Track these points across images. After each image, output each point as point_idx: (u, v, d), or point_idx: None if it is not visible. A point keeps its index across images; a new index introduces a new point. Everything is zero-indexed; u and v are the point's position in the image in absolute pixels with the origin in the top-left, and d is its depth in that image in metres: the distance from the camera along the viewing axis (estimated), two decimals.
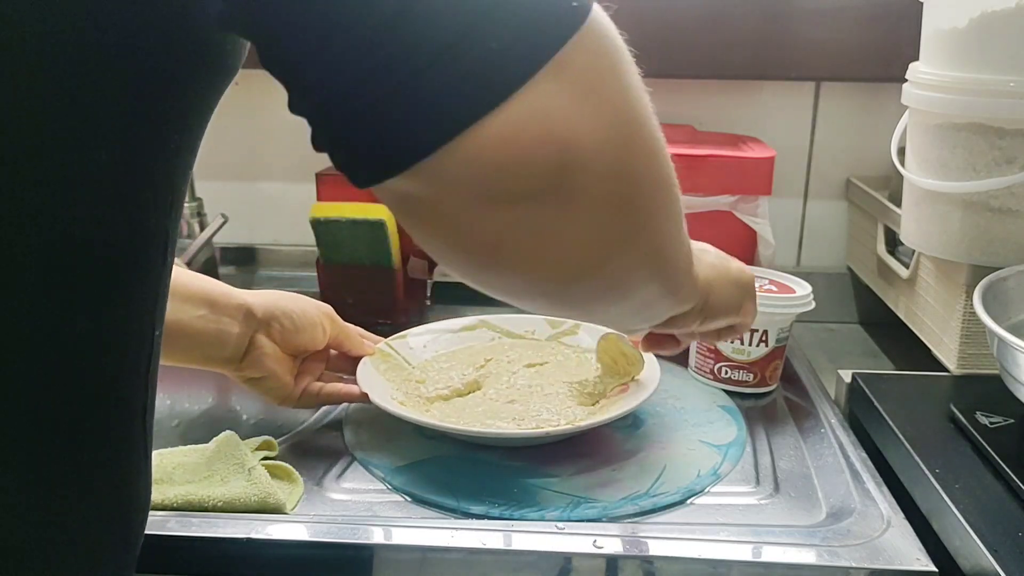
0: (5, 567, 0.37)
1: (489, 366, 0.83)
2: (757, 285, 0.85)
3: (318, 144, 0.35)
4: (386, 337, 0.84)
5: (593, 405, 0.76)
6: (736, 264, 0.62)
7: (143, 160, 0.37)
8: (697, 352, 0.87)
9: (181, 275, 0.68)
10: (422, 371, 0.82)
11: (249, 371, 0.73)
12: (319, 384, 0.77)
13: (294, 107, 0.34)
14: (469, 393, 0.79)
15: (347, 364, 0.80)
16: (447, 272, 0.38)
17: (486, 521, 0.63)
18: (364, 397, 0.74)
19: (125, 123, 0.35)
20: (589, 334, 0.87)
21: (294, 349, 0.75)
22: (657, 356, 0.78)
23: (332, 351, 0.80)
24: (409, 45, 0.31)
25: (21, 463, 0.37)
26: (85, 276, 0.36)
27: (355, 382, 0.77)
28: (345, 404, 0.81)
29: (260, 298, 0.73)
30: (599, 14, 0.35)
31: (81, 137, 0.33)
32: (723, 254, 0.62)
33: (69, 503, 0.39)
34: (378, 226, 0.94)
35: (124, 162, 0.36)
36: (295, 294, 0.76)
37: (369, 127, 0.33)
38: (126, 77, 0.34)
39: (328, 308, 0.78)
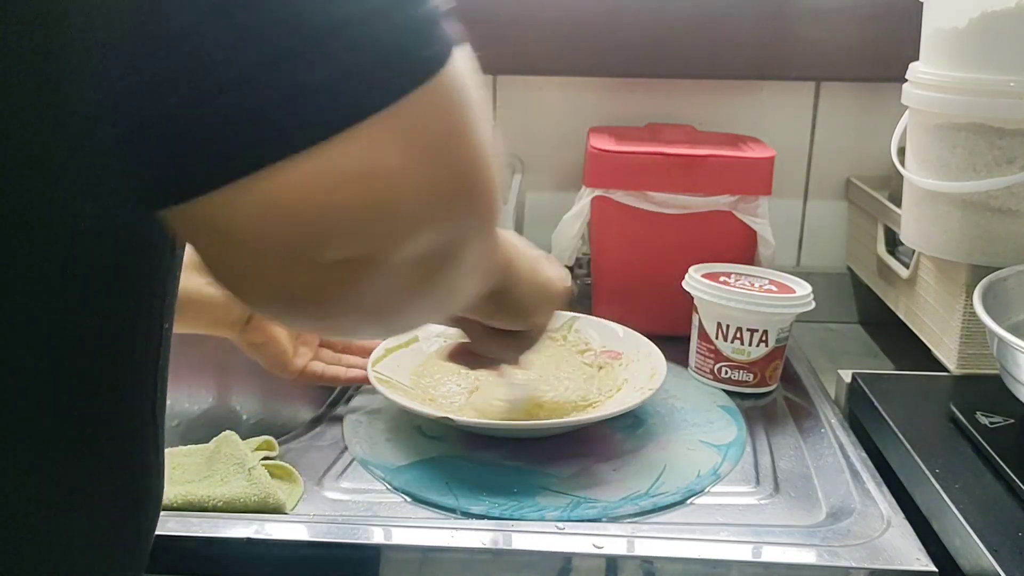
0: (19, 562, 0.37)
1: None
2: (757, 285, 0.85)
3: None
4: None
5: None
6: (547, 271, 0.58)
7: None
8: (697, 352, 0.87)
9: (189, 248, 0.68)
10: (423, 390, 0.81)
11: (252, 335, 0.75)
12: (321, 365, 0.79)
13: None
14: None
15: (340, 343, 0.82)
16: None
17: (486, 521, 0.63)
18: (364, 379, 0.77)
19: None
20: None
21: None
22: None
23: None
24: (214, 58, 0.27)
25: (32, 458, 0.37)
26: (94, 271, 0.35)
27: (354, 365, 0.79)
28: (344, 404, 0.81)
29: None
30: (456, 65, 0.31)
31: (82, 132, 0.33)
32: (541, 256, 0.59)
33: (81, 497, 0.39)
34: None
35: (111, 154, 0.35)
36: None
37: (160, 145, 0.29)
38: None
39: None
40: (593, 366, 0.84)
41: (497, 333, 0.58)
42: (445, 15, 0.31)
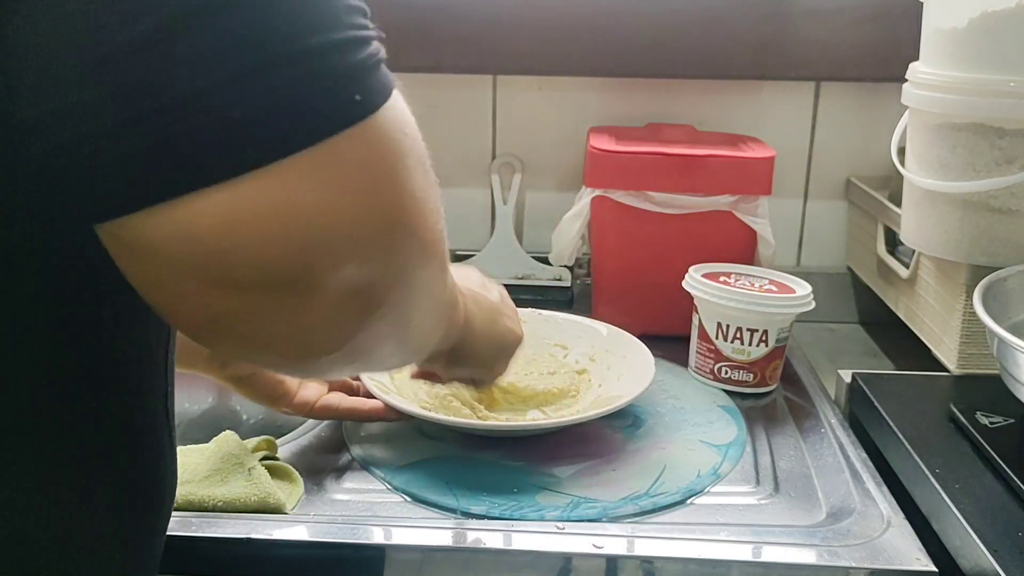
0: (36, 562, 0.37)
1: None
2: (757, 285, 0.85)
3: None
4: None
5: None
6: (506, 323, 0.60)
7: None
8: (697, 352, 0.87)
9: None
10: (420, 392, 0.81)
11: (235, 368, 0.69)
12: (338, 396, 0.73)
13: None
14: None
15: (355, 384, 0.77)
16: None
17: (486, 521, 0.63)
18: (388, 411, 0.72)
19: None
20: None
21: None
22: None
23: None
24: (144, 85, 0.28)
25: (47, 452, 0.37)
26: (106, 264, 0.36)
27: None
28: None
29: None
30: (390, 112, 0.32)
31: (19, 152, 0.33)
32: (501, 307, 0.60)
33: (96, 489, 0.39)
34: None
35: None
36: None
37: (86, 166, 0.29)
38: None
39: None
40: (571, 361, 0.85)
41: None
42: (381, 61, 0.32)
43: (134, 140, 0.28)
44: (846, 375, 0.84)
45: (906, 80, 0.82)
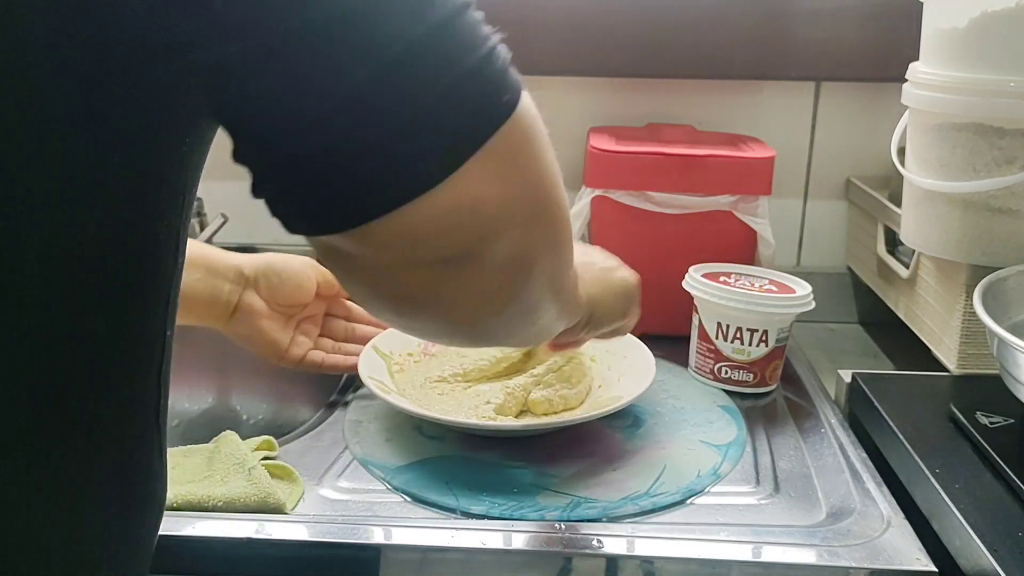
0: (24, 564, 0.37)
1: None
2: (757, 285, 0.85)
3: (258, 193, 0.37)
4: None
5: (520, 412, 0.77)
6: (620, 274, 0.66)
7: (155, 161, 0.37)
8: (697, 352, 0.87)
9: None
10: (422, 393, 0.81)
11: (238, 327, 0.78)
12: (322, 354, 0.82)
13: (239, 158, 0.36)
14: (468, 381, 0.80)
15: (342, 331, 0.86)
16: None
17: (486, 521, 0.63)
18: (354, 369, 0.79)
19: (137, 125, 0.35)
20: None
21: (283, 301, 0.79)
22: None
23: (329, 316, 0.85)
24: (361, 127, 0.34)
25: (36, 462, 0.37)
26: (99, 278, 0.36)
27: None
28: (344, 404, 0.81)
29: (252, 259, 0.79)
30: (525, 104, 0.38)
31: (93, 139, 0.33)
32: (608, 262, 0.66)
33: (86, 501, 0.39)
34: None
35: (136, 163, 0.36)
36: (286, 253, 0.81)
37: (316, 190, 0.35)
38: (137, 82, 0.34)
39: (314, 261, 0.81)
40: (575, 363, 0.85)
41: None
42: (512, 62, 0.38)
43: (372, 163, 0.34)
44: (846, 375, 0.84)
45: (906, 80, 0.82)
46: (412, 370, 0.83)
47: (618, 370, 0.82)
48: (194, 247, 0.72)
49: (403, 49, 0.34)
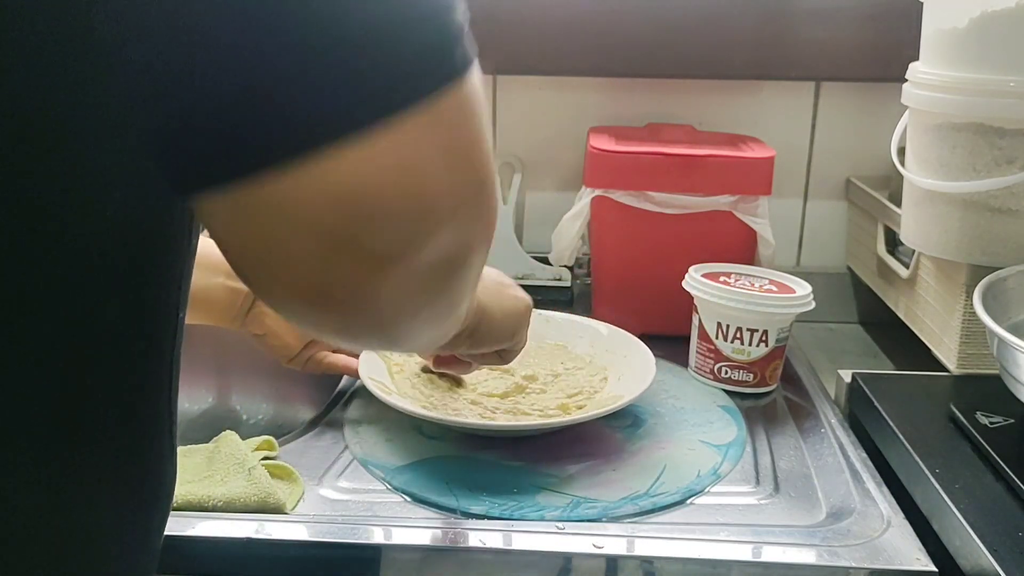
0: (34, 558, 0.37)
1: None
2: (757, 285, 0.85)
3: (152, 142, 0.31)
4: None
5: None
6: (512, 293, 0.63)
7: None
8: (697, 352, 0.87)
9: (202, 243, 0.69)
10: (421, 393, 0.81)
11: (251, 327, 0.78)
12: (324, 353, 0.82)
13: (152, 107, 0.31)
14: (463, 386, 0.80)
15: None
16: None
17: (486, 521, 0.63)
18: (355, 372, 0.79)
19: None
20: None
21: None
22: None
23: None
24: (263, 41, 0.29)
25: (46, 445, 0.37)
26: (115, 258, 0.36)
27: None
28: (344, 405, 0.81)
29: None
30: (475, 78, 0.33)
31: (108, 124, 0.33)
32: (504, 279, 0.63)
33: (96, 485, 0.39)
34: None
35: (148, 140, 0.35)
36: None
37: (211, 129, 0.30)
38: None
39: None
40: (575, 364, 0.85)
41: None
42: (467, 28, 0.33)
43: (271, 94, 0.29)
44: (846, 375, 0.84)
45: (906, 80, 0.82)
46: (412, 370, 0.83)
47: (618, 370, 0.82)
48: (205, 246, 0.71)
49: None
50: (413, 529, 0.62)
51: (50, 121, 0.32)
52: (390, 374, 0.81)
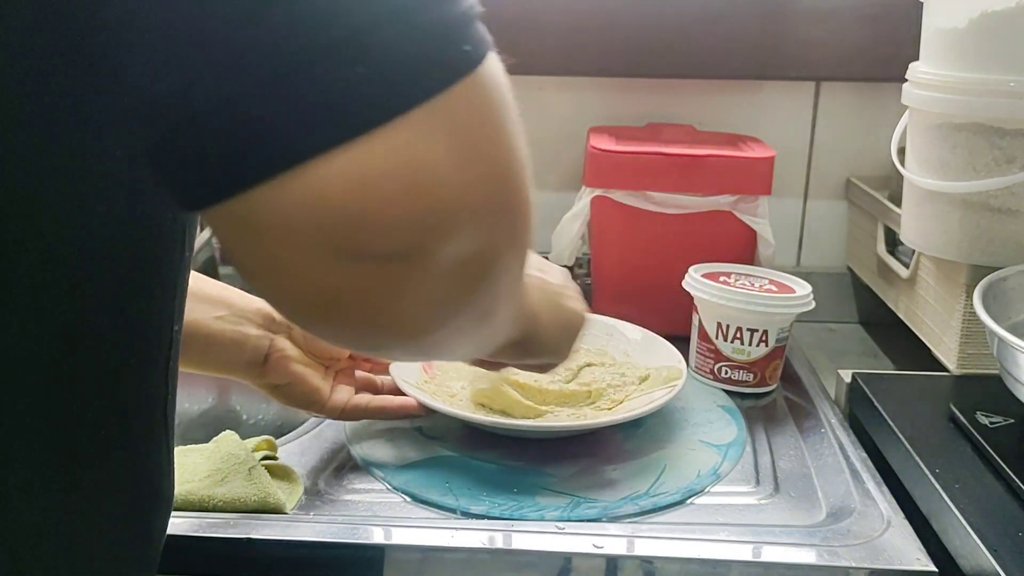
0: (31, 563, 0.37)
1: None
2: (757, 285, 0.85)
3: (158, 159, 0.30)
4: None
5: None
6: (573, 304, 0.58)
7: None
8: (697, 352, 0.87)
9: (199, 279, 0.67)
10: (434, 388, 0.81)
11: (272, 377, 0.68)
12: (367, 396, 0.73)
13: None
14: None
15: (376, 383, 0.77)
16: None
17: (486, 521, 0.63)
18: (419, 408, 0.73)
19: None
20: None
21: (321, 353, 0.71)
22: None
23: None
24: (253, 55, 0.27)
25: (44, 459, 0.37)
26: (105, 270, 0.35)
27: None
28: None
29: None
30: (492, 63, 0.32)
31: (99, 138, 0.33)
32: (566, 287, 0.59)
33: (94, 499, 0.39)
34: None
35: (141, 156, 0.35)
36: None
37: (199, 141, 0.29)
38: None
39: None
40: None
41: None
42: (480, 15, 0.31)
43: (253, 111, 0.28)
44: (846, 375, 0.84)
45: (906, 80, 0.82)
46: (412, 369, 0.83)
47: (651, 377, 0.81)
48: (209, 283, 0.67)
49: None
50: (413, 529, 0.62)
51: (40, 133, 0.32)
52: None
